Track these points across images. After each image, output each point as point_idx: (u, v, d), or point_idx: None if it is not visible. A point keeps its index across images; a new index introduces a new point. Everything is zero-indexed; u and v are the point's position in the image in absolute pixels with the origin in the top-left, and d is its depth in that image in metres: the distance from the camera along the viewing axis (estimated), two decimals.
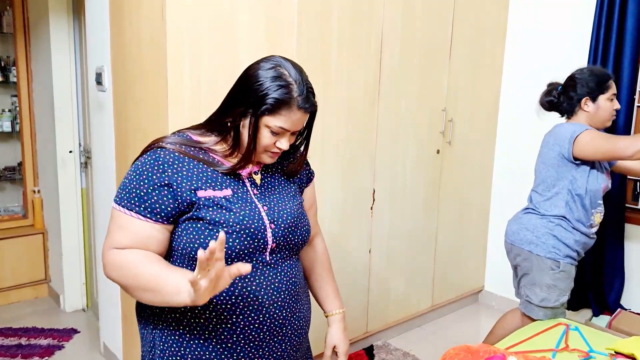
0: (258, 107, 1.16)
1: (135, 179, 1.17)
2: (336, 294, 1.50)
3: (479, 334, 3.22)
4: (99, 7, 2.49)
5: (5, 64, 3.52)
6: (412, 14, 2.80)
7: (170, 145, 1.20)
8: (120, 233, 1.18)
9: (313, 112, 1.25)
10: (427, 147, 3.06)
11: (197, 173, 1.18)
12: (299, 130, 1.25)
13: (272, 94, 1.15)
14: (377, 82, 2.70)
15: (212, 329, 1.19)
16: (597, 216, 2.25)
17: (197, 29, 2.03)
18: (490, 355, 1.42)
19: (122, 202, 1.17)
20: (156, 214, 1.16)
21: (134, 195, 1.16)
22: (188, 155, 1.19)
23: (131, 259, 1.14)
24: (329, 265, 1.52)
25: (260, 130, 1.18)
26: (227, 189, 1.20)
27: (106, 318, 2.78)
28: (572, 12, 3.12)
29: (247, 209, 1.20)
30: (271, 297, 1.22)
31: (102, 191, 2.72)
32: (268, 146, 1.21)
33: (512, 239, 2.31)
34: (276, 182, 1.32)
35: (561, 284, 2.19)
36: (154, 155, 1.18)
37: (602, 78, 2.22)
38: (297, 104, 1.17)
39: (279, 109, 1.16)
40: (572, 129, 2.14)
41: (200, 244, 1.15)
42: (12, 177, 3.66)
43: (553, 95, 2.31)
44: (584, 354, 1.68)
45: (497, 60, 3.41)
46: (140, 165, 1.18)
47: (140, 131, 2.25)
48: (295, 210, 1.30)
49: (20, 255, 3.44)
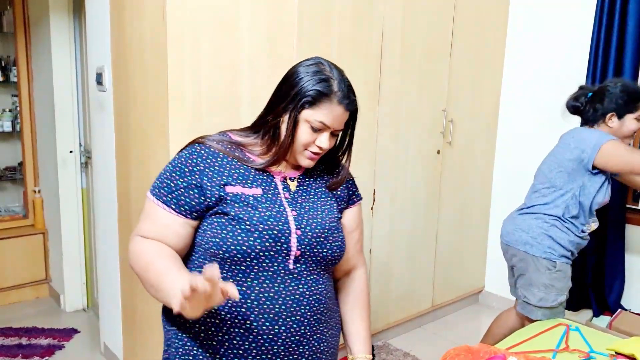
0: (299, 101, 1.16)
1: (169, 171, 1.20)
2: (366, 336, 1.36)
3: (479, 335, 3.21)
4: (99, 7, 2.49)
5: (6, 63, 3.52)
6: (413, 14, 2.80)
7: (208, 142, 1.22)
8: (145, 221, 1.21)
9: (353, 113, 1.23)
10: (427, 148, 3.05)
11: (229, 169, 1.19)
12: (339, 132, 1.23)
13: (313, 86, 1.16)
14: (377, 82, 2.70)
15: (226, 331, 1.17)
16: (592, 225, 2.25)
17: (198, 29, 2.03)
18: (491, 355, 1.42)
19: (154, 192, 1.20)
20: (180, 206, 1.17)
21: (164, 185, 1.19)
22: (223, 151, 1.21)
23: (146, 250, 1.16)
24: (365, 303, 1.39)
25: (299, 125, 1.18)
26: (257, 187, 1.20)
27: (106, 318, 2.78)
28: (573, 12, 3.11)
29: (274, 210, 1.18)
30: (289, 308, 1.17)
31: (102, 191, 2.72)
32: (307, 143, 1.19)
33: (508, 240, 2.30)
34: (312, 192, 1.28)
35: (558, 284, 2.19)
36: (190, 150, 1.21)
37: (634, 96, 2.16)
38: (338, 99, 1.17)
39: (319, 102, 1.16)
40: (598, 135, 2.10)
41: (221, 239, 1.14)
42: (13, 177, 3.66)
43: (580, 102, 2.25)
44: (585, 354, 1.68)
45: (498, 60, 3.41)
46: (176, 159, 1.21)
47: (140, 131, 2.25)
48: (327, 222, 1.25)
49: (20, 255, 3.44)
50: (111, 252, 2.63)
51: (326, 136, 1.19)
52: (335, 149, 1.30)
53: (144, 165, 2.26)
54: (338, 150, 1.31)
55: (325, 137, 1.19)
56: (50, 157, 3.30)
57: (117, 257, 2.57)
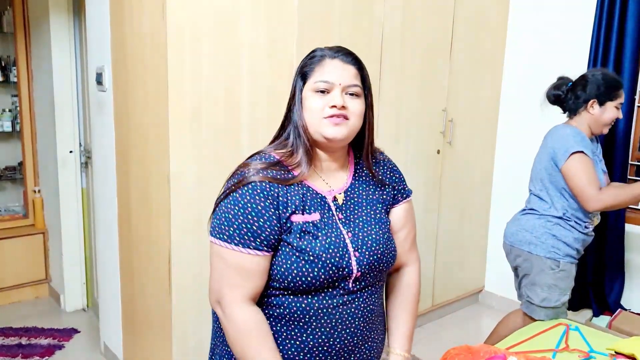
0: (297, 82, 1.20)
1: (242, 214, 1.12)
2: (407, 332, 1.33)
3: (479, 334, 3.22)
4: (99, 7, 2.49)
5: (6, 63, 3.52)
6: (413, 14, 2.80)
7: (255, 177, 1.14)
8: (234, 276, 1.13)
9: (359, 67, 1.21)
10: (427, 147, 3.05)
11: (290, 197, 1.15)
12: (354, 90, 1.18)
13: (304, 63, 1.21)
14: (377, 82, 2.70)
15: (281, 342, 1.17)
16: (595, 220, 2.25)
17: (198, 29, 2.03)
18: (491, 355, 1.42)
19: (234, 240, 1.12)
20: (269, 246, 1.14)
21: (246, 229, 1.12)
22: (275, 180, 1.15)
23: (250, 332, 1.13)
24: (411, 300, 1.35)
25: (305, 99, 1.18)
26: (315, 212, 1.17)
27: (106, 318, 2.78)
28: (573, 12, 3.11)
29: (333, 235, 1.17)
30: (345, 321, 1.18)
31: (102, 191, 2.72)
32: (320, 110, 1.15)
33: (512, 240, 2.31)
34: (362, 203, 1.25)
35: (562, 284, 2.19)
36: (251, 190, 1.13)
37: (615, 84, 2.19)
38: (329, 56, 1.19)
39: (312, 69, 1.18)
40: (572, 142, 2.11)
41: (286, 269, 1.13)
42: (13, 176, 3.66)
43: (561, 90, 2.27)
44: (585, 354, 1.68)
45: (498, 60, 3.41)
46: (241, 201, 1.13)
47: (140, 131, 2.25)
48: (380, 235, 1.23)
49: (20, 255, 3.44)
50: (111, 252, 2.63)
51: (336, 94, 1.15)
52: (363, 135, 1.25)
53: (144, 165, 2.26)
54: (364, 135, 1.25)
55: (336, 94, 1.15)
56: (50, 157, 3.30)
57: (117, 257, 2.57)
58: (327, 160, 1.23)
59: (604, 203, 2.09)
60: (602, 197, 2.08)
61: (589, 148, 2.13)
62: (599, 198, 2.08)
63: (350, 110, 1.16)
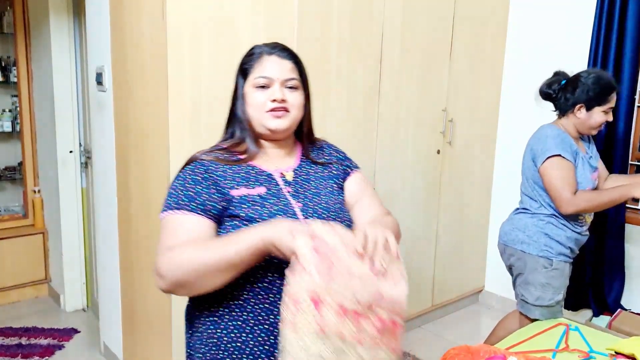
0: (238, 80, 1.28)
1: (181, 185, 1.19)
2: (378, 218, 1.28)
3: (479, 334, 3.22)
4: (99, 7, 2.49)
5: (6, 64, 3.52)
6: (413, 14, 2.80)
7: (204, 156, 1.23)
8: (171, 236, 1.14)
9: (295, 61, 1.28)
10: (427, 147, 3.05)
11: (230, 174, 1.21)
12: (288, 80, 1.24)
13: (245, 60, 1.28)
14: (377, 82, 2.70)
15: (250, 330, 1.17)
16: (587, 218, 2.26)
17: (198, 29, 2.03)
18: (491, 355, 1.42)
19: (171, 207, 1.17)
20: (207, 211, 1.16)
21: (182, 196, 1.17)
22: (220, 160, 1.23)
23: (195, 247, 1.10)
24: (391, 225, 1.27)
25: (247, 95, 1.25)
26: (260, 187, 1.22)
27: (106, 318, 2.78)
28: (573, 12, 3.11)
29: (281, 204, 1.20)
30: None
31: (102, 191, 2.72)
32: (262, 104, 1.23)
33: (505, 240, 2.32)
34: (311, 179, 1.30)
35: (555, 282, 2.19)
36: (191, 166, 1.22)
37: (605, 90, 2.16)
38: (266, 53, 1.26)
39: (251, 66, 1.25)
40: (550, 144, 2.13)
41: None
42: (13, 176, 3.66)
43: (553, 89, 2.27)
44: (584, 354, 1.68)
45: (498, 60, 3.41)
46: (181, 175, 1.21)
47: (140, 131, 2.25)
48: (331, 205, 1.27)
49: (20, 255, 3.44)
50: (111, 252, 2.63)
51: (276, 88, 1.23)
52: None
53: (144, 165, 2.26)
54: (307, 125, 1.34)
55: (275, 89, 1.23)
56: (50, 157, 3.30)
57: (117, 257, 2.57)
58: (273, 148, 1.29)
59: (577, 207, 2.10)
60: (575, 202, 2.09)
61: (569, 150, 2.13)
62: (573, 202, 2.09)
63: (290, 103, 1.24)
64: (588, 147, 2.31)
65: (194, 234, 1.13)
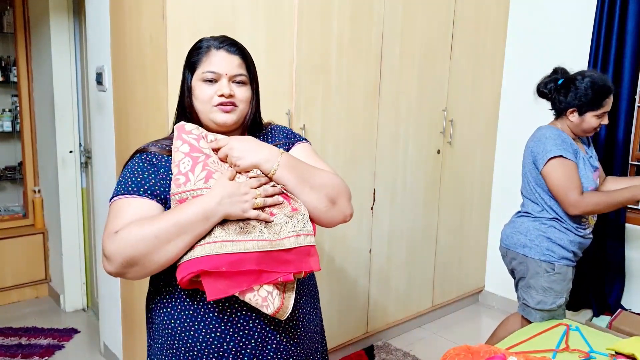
0: (185, 74, 1.28)
1: (129, 173, 1.22)
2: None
3: (479, 334, 3.22)
4: (99, 7, 2.49)
5: (6, 63, 3.52)
6: (413, 14, 2.80)
7: (152, 147, 1.27)
8: (118, 218, 1.15)
9: (243, 56, 1.28)
10: (427, 147, 3.05)
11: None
12: (236, 76, 1.26)
13: (192, 53, 1.28)
14: (377, 82, 2.70)
15: (202, 319, 1.20)
16: (591, 220, 2.24)
17: (198, 29, 2.03)
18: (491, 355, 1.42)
19: (119, 193, 1.19)
20: (155, 195, 1.19)
21: (130, 182, 1.19)
22: (166, 152, 1.25)
23: (141, 222, 1.11)
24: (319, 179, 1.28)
25: (194, 89, 1.26)
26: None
27: (106, 318, 2.78)
28: (573, 12, 3.11)
29: None
30: None
31: (102, 191, 2.72)
32: (210, 98, 1.24)
33: (507, 243, 2.30)
34: None
35: (557, 286, 2.17)
36: (139, 155, 1.26)
37: (598, 95, 2.12)
38: (215, 47, 1.26)
39: (199, 60, 1.25)
40: (550, 145, 2.11)
41: None
42: (13, 176, 3.67)
43: (548, 89, 2.24)
44: (585, 354, 1.68)
45: (498, 60, 3.41)
46: (130, 165, 1.24)
47: (140, 131, 2.25)
48: None
49: (20, 255, 3.44)
50: None
51: (224, 84, 1.24)
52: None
53: None
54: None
55: (223, 84, 1.24)
56: (50, 157, 3.30)
57: None
58: None
59: (584, 209, 2.08)
60: (583, 203, 2.07)
61: (570, 150, 2.12)
62: (581, 204, 2.07)
63: (238, 98, 1.26)
64: (587, 148, 2.30)
65: (142, 214, 1.15)
